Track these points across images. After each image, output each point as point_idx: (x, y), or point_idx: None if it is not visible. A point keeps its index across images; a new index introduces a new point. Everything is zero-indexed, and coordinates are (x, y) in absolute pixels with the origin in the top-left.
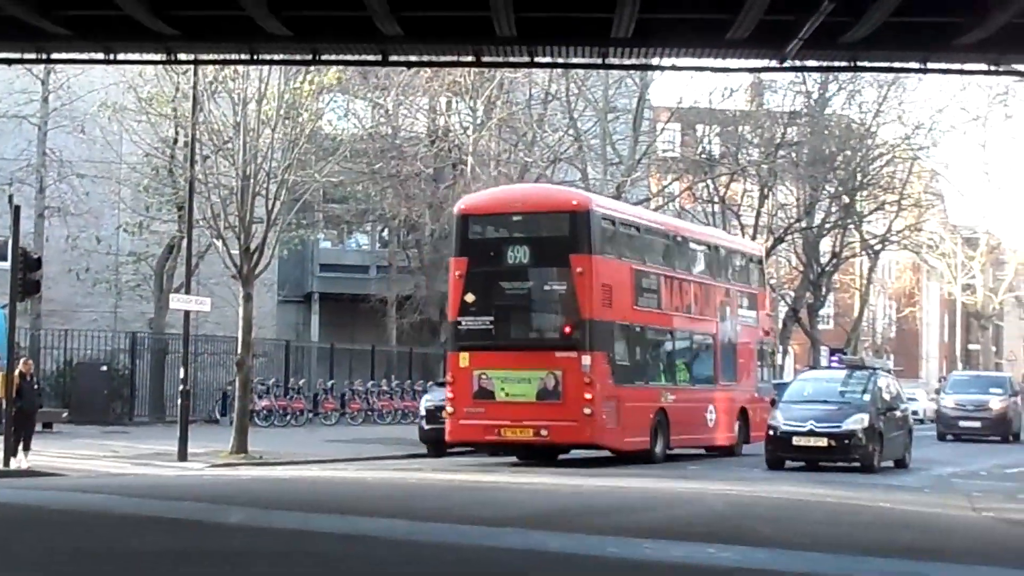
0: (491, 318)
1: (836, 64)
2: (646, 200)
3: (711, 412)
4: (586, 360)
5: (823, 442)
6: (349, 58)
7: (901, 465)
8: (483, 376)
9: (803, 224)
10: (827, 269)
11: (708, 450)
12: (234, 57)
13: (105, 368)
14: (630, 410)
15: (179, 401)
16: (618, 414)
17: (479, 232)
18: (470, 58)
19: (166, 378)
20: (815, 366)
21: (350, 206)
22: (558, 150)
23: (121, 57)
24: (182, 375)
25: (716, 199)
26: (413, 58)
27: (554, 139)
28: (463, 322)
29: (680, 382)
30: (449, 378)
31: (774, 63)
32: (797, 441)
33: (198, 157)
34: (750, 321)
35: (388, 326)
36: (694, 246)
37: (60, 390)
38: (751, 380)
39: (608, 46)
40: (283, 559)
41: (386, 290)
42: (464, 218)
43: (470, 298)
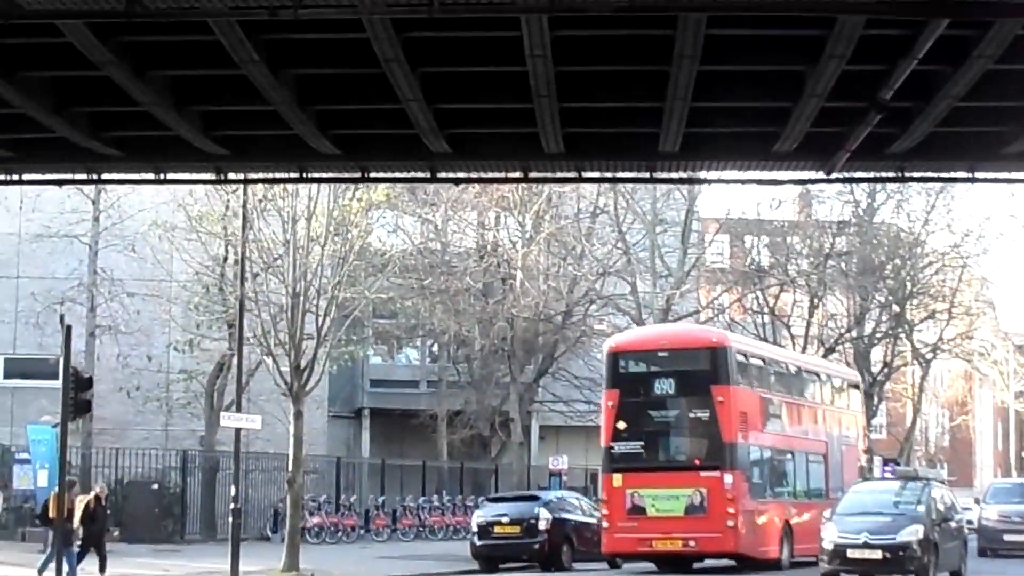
0: (641, 443)
1: (883, 175)
2: (695, 312)
3: None
4: (728, 478)
5: (878, 554)
6: (398, 175)
7: None
8: (635, 494)
9: (854, 334)
10: (879, 379)
11: None
12: (283, 176)
13: (156, 486)
14: (763, 522)
15: (230, 519)
16: (754, 526)
17: (628, 367)
18: (518, 174)
19: (217, 496)
20: (868, 477)
21: (400, 322)
22: (607, 263)
23: (171, 177)
24: (233, 493)
25: (766, 310)
26: (461, 174)
27: (603, 252)
28: (615, 447)
29: (800, 496)
30: (604, 496)
31: (821, 174)
32: (851, 553)
33: (248, 275)
34: (851, 439)
35: (439, 441)
36: (806, 375)
37: (111, 509)
38: None
39: (655, 160)
40: None
41: (436, 405)
42: (614, 355)
43: (622, 425)
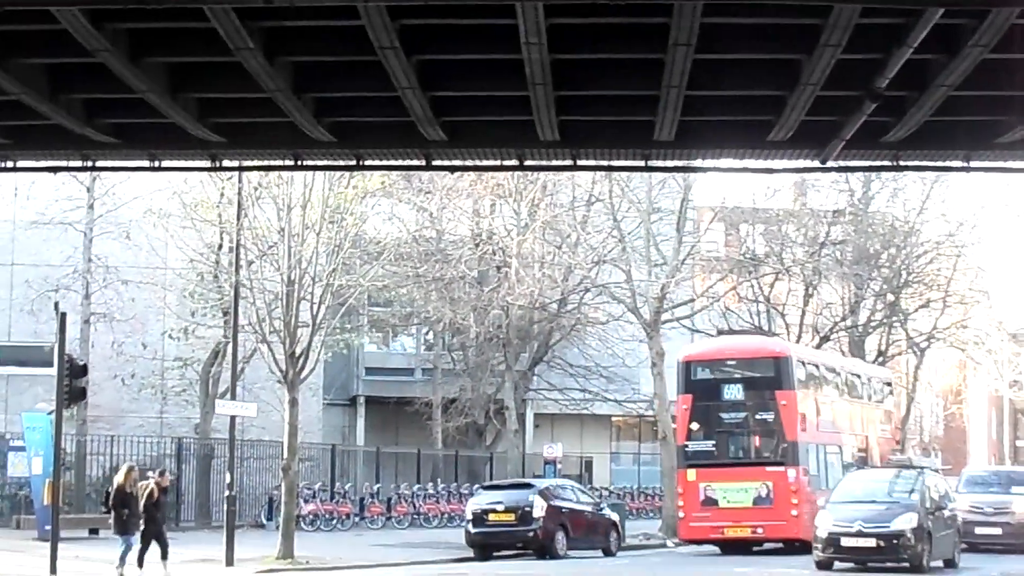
0: (713, 442)
1: (878, 163)
2: (691, 301)
3: None
4: (792, 473)
5: (872, 543)
6: (393, 163)
7: (950, 565)
8: (708, 488)
9: (848, 323)
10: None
11: None
12: (278, 163)
13: (151, 474)
14: None
15: (225, 506)
16: (813, 514)
17: (699, 375)
18: (513, 162)
19: (212, 483)
20: (862, 466)
21: (395, 309)
22: (602, 251)
23: (166, 164)
24: (228, 480)
25: (761, 298)
26: (456, 162)
27: (598, 240)
28: (689, 445)
29: None
30: (680, 490)
31: (816, 163)
32: (846, 542)
33: (243, 262)
34: (887, 433)
35: (433, 429)
36: (850, 376)
37: (107, 496)
38: None
39: (651, 148)
40: None
41: (431, 393)
42: (688, 364)
43: (695, 426)
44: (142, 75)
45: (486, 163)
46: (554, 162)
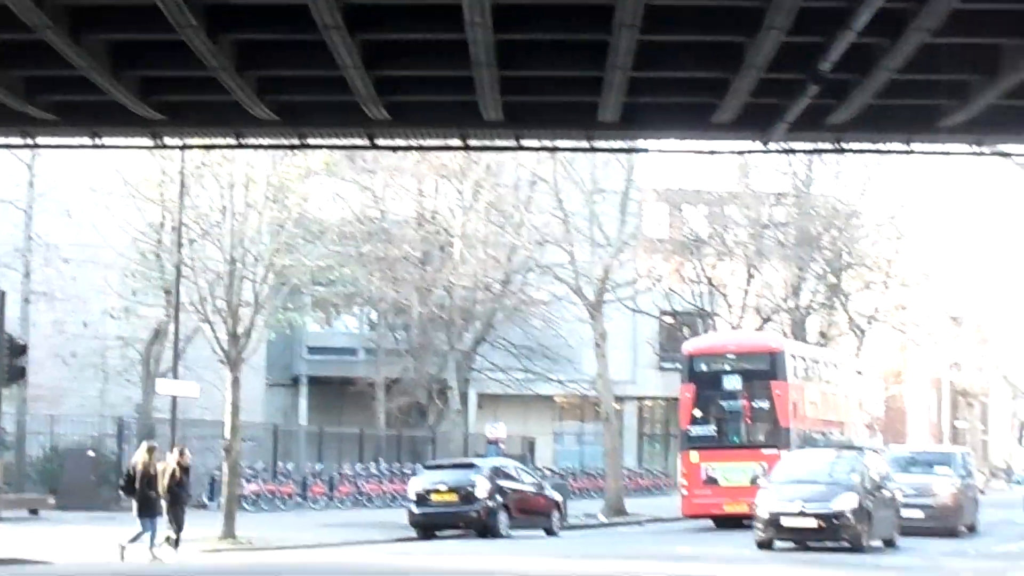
0: (714, 427)
1: (821, 146)
2: (634, 281)
3: None
4: (784, 455)
5: (812, 522)
6: (336, 142)
7: (890, 545)
8: (709, 468)
9: (790, 304)
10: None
11: None
12: (221, 142)
13: (92, 453)
14: None
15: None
16: None
17: (702, 367)
18: (457, 142)
19: None
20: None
21: (338, 289)
22: (545, 232)
23: (108, 142)
24: None
25: (703, 279)
26: (400, 142)
27: (541, 221)
28: (692, 430)
29: None
30: (683, 469)
31: (759, 145)
32: (786, 522)
33: (185, 241)
34: (861, 417)
35: (376, 409)
36: (831, 367)
37: (47, 476)
38: None
39: (594, 129)
40: None
41: (374, 373)
42: (691, 357)
43: (698, 413)
44: (84, 53)
45: (430, 143)
46: (498, 142)
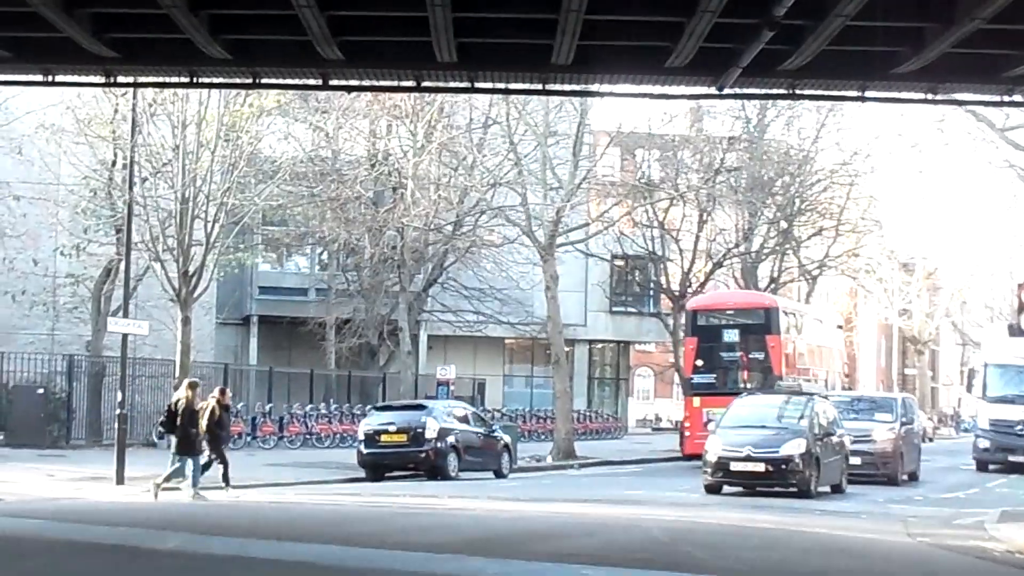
0: (714, 375)
1: (774, 92)
2: (586, 225)
3: None
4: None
5: (760, 467)
6: (290, 82)
7: (838, 490)
8: (710, 412)
9: (742, 249)
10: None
11: None
12: (174, 80)
13: (42, 391)
14: None
15: (116, 424)
16: None
17: (704, 321)
18: (411, 83)
19: (103, 401)
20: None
21: (289, 229)
22: (498, 174)
23: (60, 79)
24: (119, 398)
25: (655, 224)
26: (354, 82)
27: (494, 163)
28: (695, 378)
29: None
30: (686, 413)
31: (713, 90)
32: (735, 466)
33: (136, 179)
34: (840, 366)
35: (327, 349)
36: (816, 321)
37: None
38: None
39: (548, 72)
40: None
41: (325, 313)
42: (694, 312)
43: (700, 363)
44: None
45: (383, 84)
46: (451, 84)
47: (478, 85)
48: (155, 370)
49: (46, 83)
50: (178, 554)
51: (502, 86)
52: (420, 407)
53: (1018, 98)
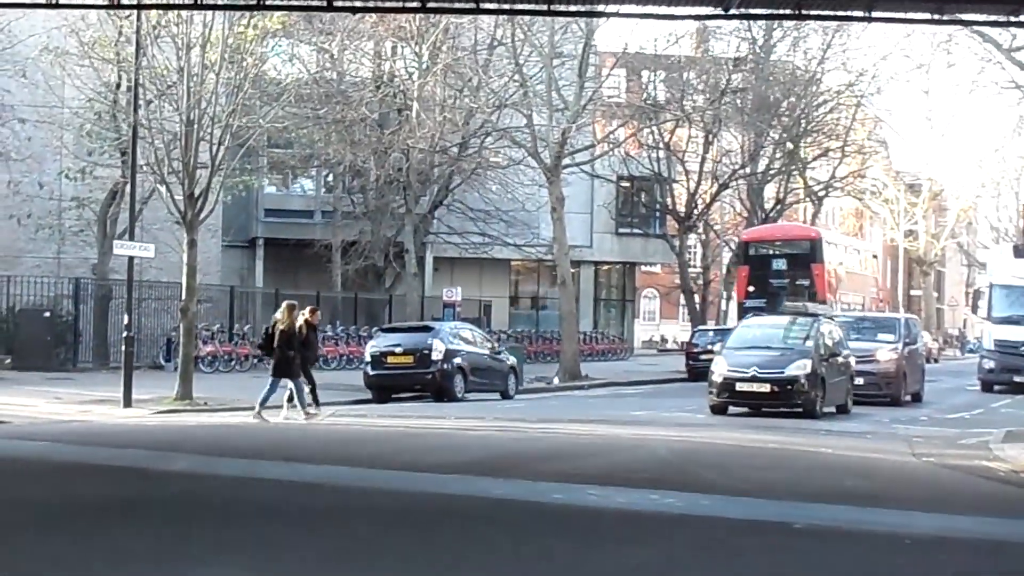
0: (764, 300)
1: (780, 12)
2: (591, 146)
3: None
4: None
5: (766, 388)
6: (294, 3)
7: (843, 411)
8: None
9: (747, 170)
10: (771, 215)
11: None
12: (178, 1)
13: (48, 314)
14: None
15: (123, 347)
16: None
17: (756, 251)
18: (416, 3)
19: (110, 324)
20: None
21: (295, 151)
22: (503, 96)
23: (64, 1)
24: (126, 321)
25: (661, 145)
26: (358, 3)
27: (499, 84)
28: (747, 302)
29: None
30: None
31: (719, 10)
32: (740, 387)
33: (141, 102)
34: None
35: (333, 271)
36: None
37: (3, 336)
38: None
39: None
40: (229, 506)
41: (331, 235)
42: (746, 243)
43: (751, 289)
44: None
45: (388, 4)
46: (457, 4)
47: (483, 6)
48: (161, 293)
49: (50, 5)
50: (188, 475)
51: (507, 7)
52: (426, 328)
53: None
